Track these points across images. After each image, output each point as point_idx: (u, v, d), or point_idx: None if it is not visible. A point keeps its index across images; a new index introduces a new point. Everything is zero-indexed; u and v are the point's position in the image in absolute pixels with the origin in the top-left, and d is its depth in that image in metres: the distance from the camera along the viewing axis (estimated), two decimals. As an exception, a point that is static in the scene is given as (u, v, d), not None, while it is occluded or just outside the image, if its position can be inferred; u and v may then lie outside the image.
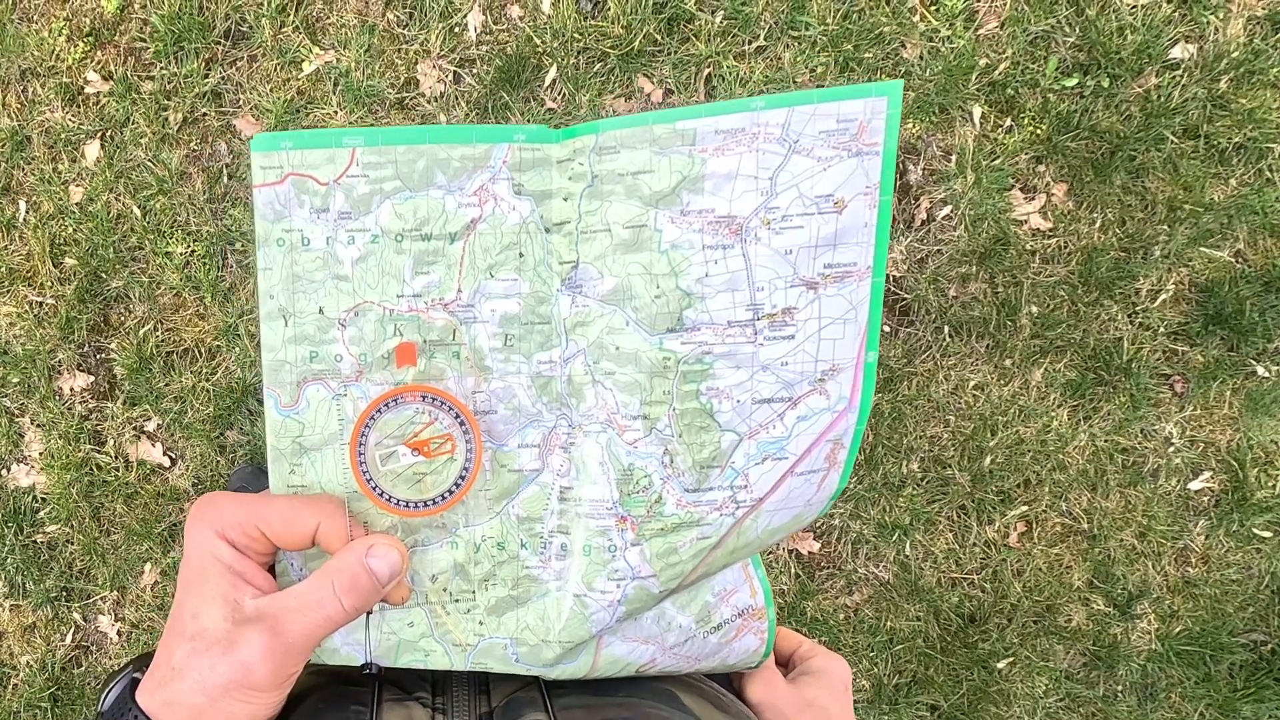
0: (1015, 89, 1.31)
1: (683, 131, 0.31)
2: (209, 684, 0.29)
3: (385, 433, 0.34)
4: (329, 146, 0.32)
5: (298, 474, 0.34)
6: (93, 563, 1.47)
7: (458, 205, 0.32)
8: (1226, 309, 1.31)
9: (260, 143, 0.32)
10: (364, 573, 0.32)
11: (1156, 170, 1.31)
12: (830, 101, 0.30)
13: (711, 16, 1.32)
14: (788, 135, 0.30)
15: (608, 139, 0.31)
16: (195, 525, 0.32)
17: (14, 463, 1.48)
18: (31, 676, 1.48)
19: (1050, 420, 1.36)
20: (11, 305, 1.45)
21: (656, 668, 0.39)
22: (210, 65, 1.40)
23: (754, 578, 0.41)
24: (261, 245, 0.33)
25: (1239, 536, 1.35)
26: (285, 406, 0.34)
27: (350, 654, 0.36)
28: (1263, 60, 1.26)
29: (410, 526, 0.35)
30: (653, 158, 0.31)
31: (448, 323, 0.33)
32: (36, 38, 1.40)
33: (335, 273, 0.33)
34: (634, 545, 0.34)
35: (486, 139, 0.32)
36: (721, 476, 0.34)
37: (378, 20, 1.37)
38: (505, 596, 0.36)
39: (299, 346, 0.33)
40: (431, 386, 0.33)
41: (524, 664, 0.37)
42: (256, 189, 0.32)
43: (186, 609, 0.31)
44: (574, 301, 0.33)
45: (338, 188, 0.32)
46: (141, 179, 1.40)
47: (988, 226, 1.34)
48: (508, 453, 0.35)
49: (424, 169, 0.32)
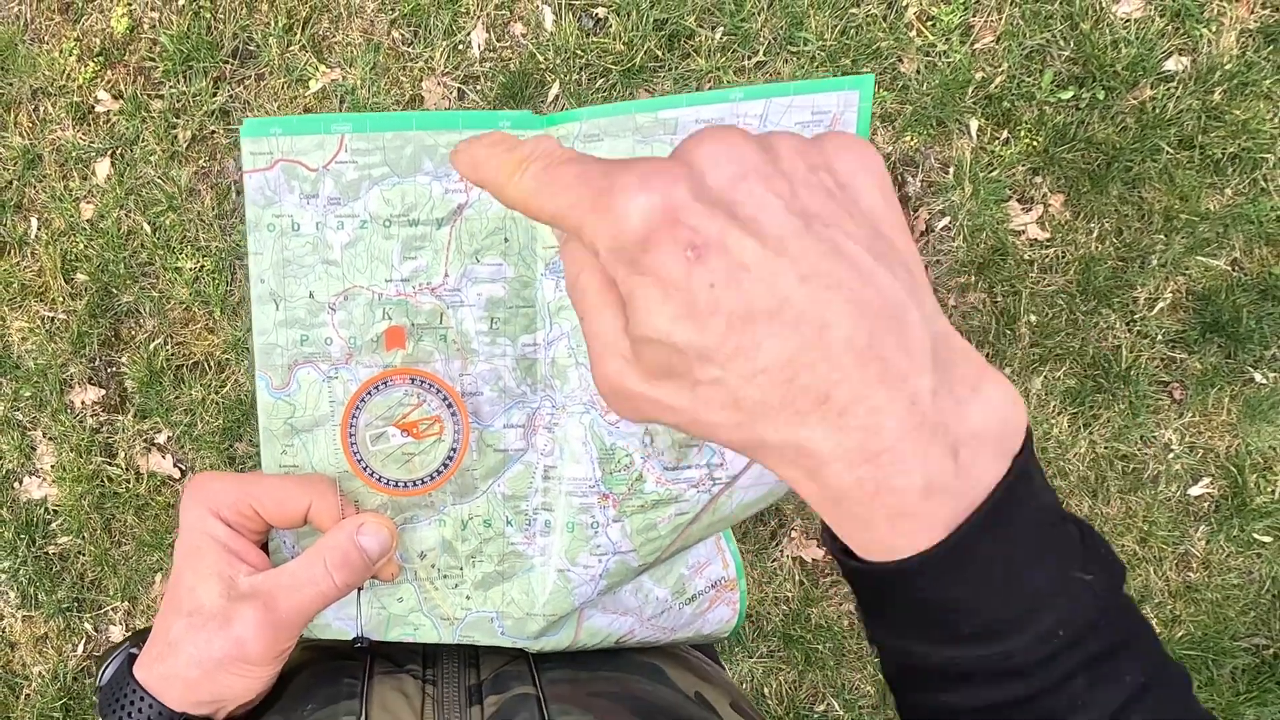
0: (1011, 102, 1.33)
1: (665, 120, 0.31)
2: (204, 658, 0.30)
3: (375, 414, 0.35)
4: (318, 133, 0.32)
5: (289, 454, 0.35)
6: (104, 573, 1.48)
7: (444, 191, 0.33)
8: (1223, 317, 1.33)
9: (250, 128, 0.33)
10: (355, 550, 0.33)
11: (1152, 180, 1.33)
12: (806, 94, 0.31)
13: (711, 33, 1.34)
14: (765, 125, 0.31)
15: (591, 126, 0.32)
16: (190, 503, 0.32)
17: (26, 475, 1.50)
18: (44, 687, 1.49)
19: (1050, 427, 1.37)
20: (24, 320, 1.47)
21: (636, 638, 0.40)
22: (219, 84, 1.42)
23: (726, 551, 0.42)
24: (252, 230, 0.33)
25: (1239, 541, 1.36)
26: (277, 389, 0.34)
27: (342, 629, 0.37)
28: (1255, 72, 1.28)
29: (400, 505, 0.36)
30: (635, 146, 0.32)
31: (435, 306, 0.34)
32: (48, 58, 1.43)
33: (325, 257, 0.33)
34: (615, 521, 0.35)
35: (472, 125, 0.32)
36: (699, 455, 0.35)
37: (383, 39, 1.39)
38: (492, 572, 0.37)
39: (290, 330, 0.34)
40: (420, 369, 0.34)
41: (509, 637, 0.38)
42: (246, 174, 0.33)
43: (183, 585, 0.31)
44: (558, 285, 0.34)
45: (327, 173, 0.33)
46: (151, 196, 1.43)
47: (986, 237, 1.35)
48: (494, 433, 0.35)
49: (411, 155, 0.33)
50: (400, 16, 1.38)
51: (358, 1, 1.39)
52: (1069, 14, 1.31)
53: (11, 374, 1.48)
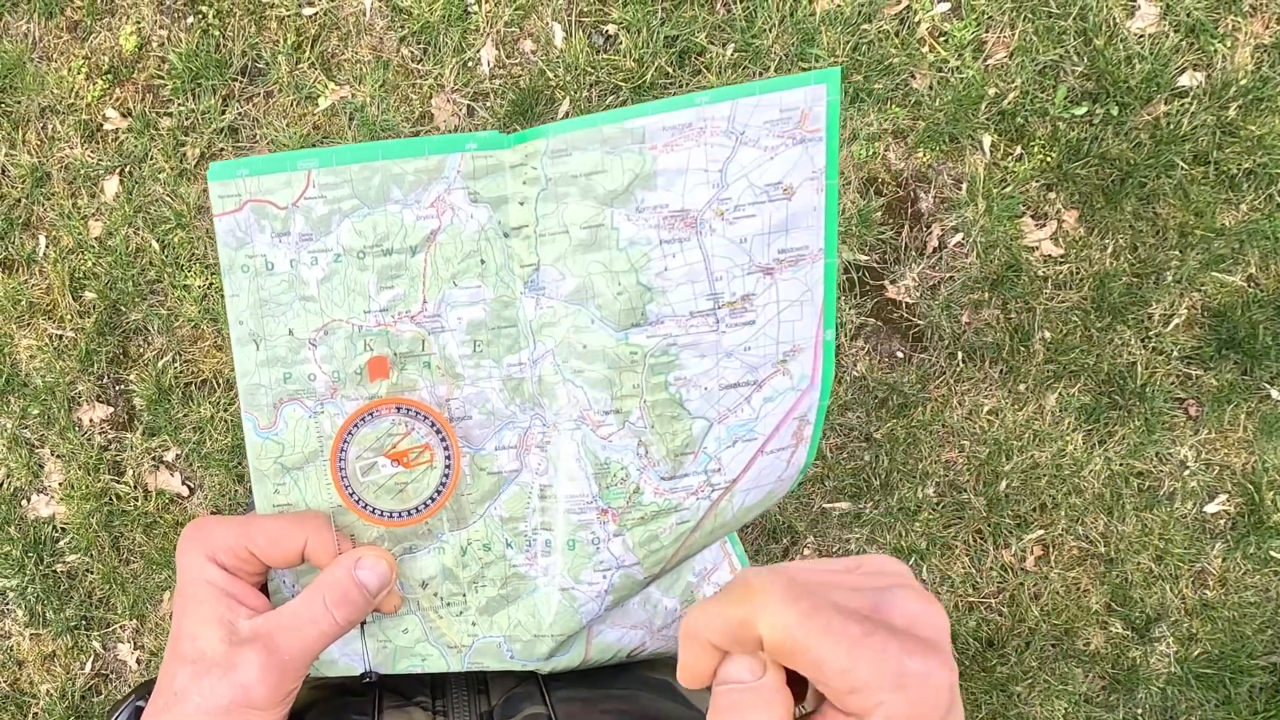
0: (1025, 117, 1.32)
1: (631, 130, 0.31)
2: (210, 706, 0.30)
3: (364, 446, 0.34)
4: (284, 170, 0.32)
5: (282, 493, 0.35)
6: (112, 591, 1.48)
7: (416, 218, 0.33)
8: (1239, 333, 1.32)
9: (216, 172, 0.33)
10: (354, 585, 0.32)
11: (1167, 196, 1.32)
12: (772, 92, 0.31)
13: (722, 49, 1.34)
14: (734, 127, 0.31)
15: (558, 142, 0.32)
16: (186, 550, 0.32)
17: (34, 493, 1.49)
18: (51, 705, 1.49)
19: (1065, 444, 1.36)
20: (32, 338, 1.47)
21: (647, 651, 0.40)
22: (227, 102, 1.42)
23: (732, 555, 0.42)
24: (227, 273, 0.33)
25: (1256, 559, 1.35)
26: (264, 428, 0.34)
27: (349, 664, 0.37)
28: (1271, 87, 1.27)
29: (397, 535, 0.35)
30: (604, 158, 0.32)
31: (416, 334, 0.34)
32: (56, 76, 1.43)
33: (301, 294, 0.33)
34: (616, 536, 0.35)
35: (439, 150, 0.32)
36: (695, 462, 0.34)
37: (392, 56, 1.39)
38: (495, 596, 0.37)
39: (272, 369, 0.34)
40: (406, 398, 0.34)
41: (519, 660, 0.37)
42: (217, 218, 0.33)
43: (184, 633, 0.31)
44: (538, 303, 0.34)
45: (297, 210, 0.33)
46: (160, 213, 1.42)
47: (999, 253, 1.35)
48: (485, 456, 0.35)
49: (379, 185, 0.32)
50: (410, 34, 1.38)
51: (367, 19, 1.39)
52: (1082, 29, 1.30)
53: (20, 391, 1.47)
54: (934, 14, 1.32)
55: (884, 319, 1.39)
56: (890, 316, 1.39)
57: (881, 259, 1.38)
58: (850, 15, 1.31)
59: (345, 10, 1.39)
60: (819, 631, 0.21)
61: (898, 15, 1.32)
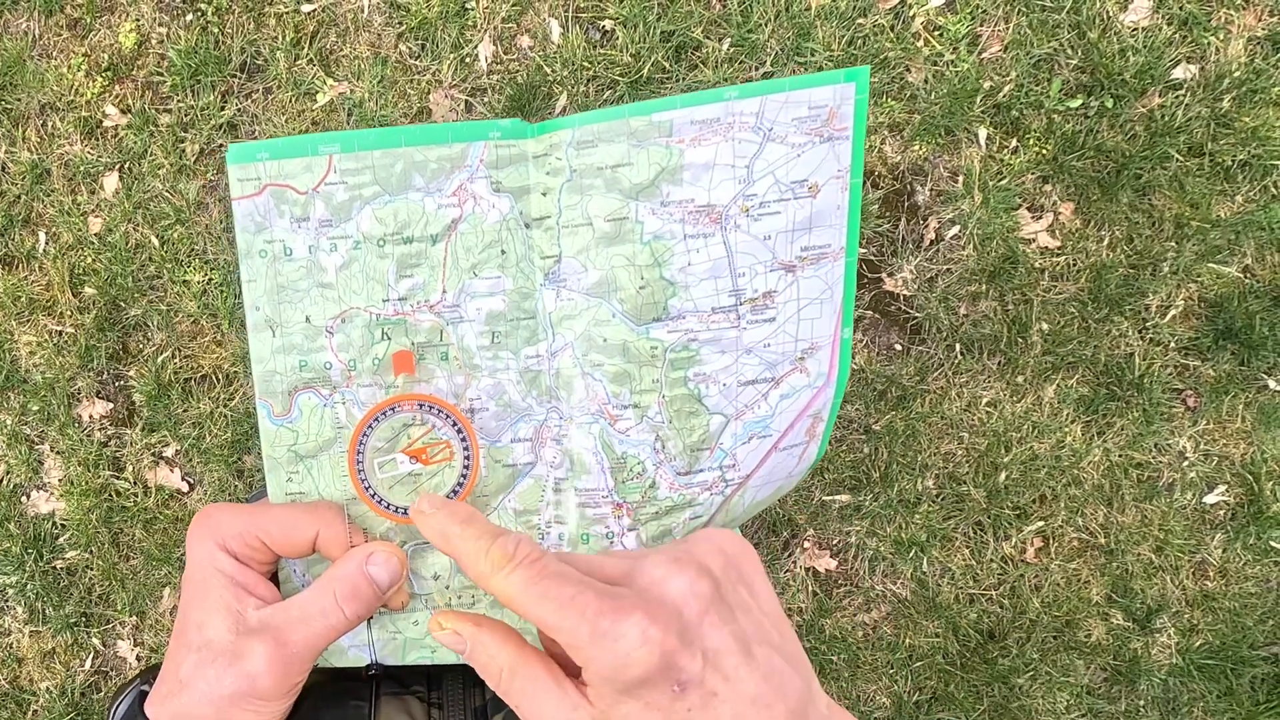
0: (1020, 110, 1.33)
1: (659, 123, 0.31)
2: (216, 695, 0.30)
3: (383, 440, 0.34)
4: (305, 155, 0.32)
5: (295, 481, 0.35)
6: (112, 588, 1.48)
7: (437, 206, 0.33)
8: (1236, 324, 1.32)
9: (236, 154, 0.32)
10: (364, 581, 0.32)
11: (1163, 188, 1.33)
12: (801, 89, 0.31)
13: (719, 44, 1.35)
14: (761, 123, 0.31)
15: (585, 133, 0.32)
16: (196, 537, 0.32)
17: (34, 489, 1.49)
18: (51, 702, 1.48)
19: (1064, 436, 1.36)
20: (32, 334, 1.47)
21: None
22: (226, 98, 1.42)
23: None
24: (244, 258, 0.33)
25: (1256, 550, 1.35)
26: (278, 416, 0.34)
27: (358, 655, 0.37)
28: (1264, 79, 1.28)
29: (410, 530, 0.35)
30: (630, 150, 0.31)
31: (434, 324, 0.34)
32: (56, 73, 1.43)
33: (319, 281, 0.33)
34: (630, 530, 0.35)
35: (462, 138, 0.32)
36: (711, 458, 0.35)
37: (390, 52, 1.40)
38: None
39: (288, 356, 0.34)
40: (427, 395, 0.34)
41: None
42: (235, 201, 0.32)
43: (192, 621, 0.31)
44: (558, 295, 0.34)
45: (317, 196, 0.32)
46: (159, 209, 1.43)
47: (996, 245, 1.35)
48: (500, 448, 0.35)
49: (401, 172, 0.32)
50: (408, 30, 1.39)
51: (365, 15, 1.40)
52: (1076, 23, 1.31)
53: (19, 388, 1.47)
54: (929, 8, 1.33)
55: (882, 311, 1.39)
56: (888, 309, 1.39)
57: (879, 252, 1.39)
58: (845, 9, 1.32)
59: (343, 7, 1.40)
60: (536, 597, 0.25)
61: (892, 10, 1.33)
